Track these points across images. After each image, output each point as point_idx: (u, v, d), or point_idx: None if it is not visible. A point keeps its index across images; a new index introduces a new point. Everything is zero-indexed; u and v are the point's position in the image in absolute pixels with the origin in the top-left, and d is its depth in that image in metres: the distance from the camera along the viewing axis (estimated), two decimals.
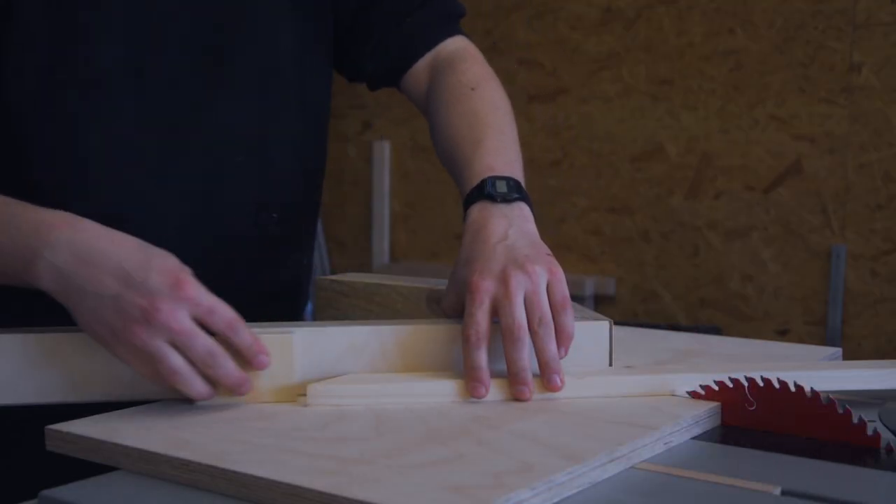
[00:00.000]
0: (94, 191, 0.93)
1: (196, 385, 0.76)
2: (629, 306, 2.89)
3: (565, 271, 0.85)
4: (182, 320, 0.73)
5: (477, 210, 0.90)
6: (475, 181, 0.92)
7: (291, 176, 1.07)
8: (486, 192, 0.90)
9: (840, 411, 0.75)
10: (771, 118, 2.66)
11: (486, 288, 0.82)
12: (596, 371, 0.85)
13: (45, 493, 0.64)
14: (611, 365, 0.87)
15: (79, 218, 0.78)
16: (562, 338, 0.82)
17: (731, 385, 0.80)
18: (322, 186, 1.14)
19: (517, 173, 0.94)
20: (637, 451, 0.70)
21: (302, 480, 0.61)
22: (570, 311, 0.82)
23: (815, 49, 2.59)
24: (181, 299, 0.73)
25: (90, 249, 0.75)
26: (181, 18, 0.97)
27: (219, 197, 1.01)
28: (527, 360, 0.80)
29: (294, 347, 0.81)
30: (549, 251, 0.86)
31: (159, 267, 0.74)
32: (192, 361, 0.75)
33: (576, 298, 0.86)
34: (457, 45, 1.11)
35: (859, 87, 2.54)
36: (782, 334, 2.68)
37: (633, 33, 2.85)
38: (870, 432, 0.74)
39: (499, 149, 0.97)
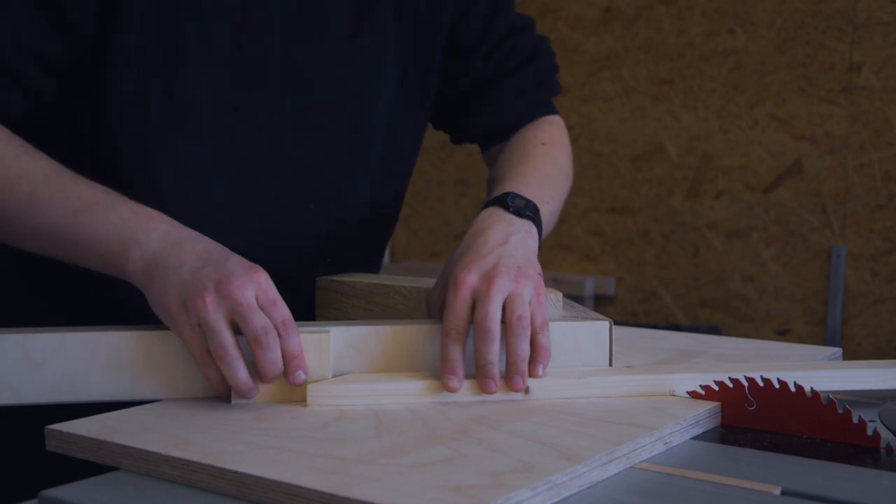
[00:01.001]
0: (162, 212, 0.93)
1: (240, 371, 0.77)
2: (629, 306, 2.88)
3: (566, 271, 0.85)
4: (249, 296, 0.76)
5: (487, 213, 0.91)
6: (499, 193, 0.94)
7: (359, 228, 1.06)
8: (503, 201, 0.92)
9: (840, 411, 0.75)
10: (771, 118, 2.66)
11: (469, 282, 0.82)
12: (596, 371, 0.85)
13: (45, 493, 0.64)
14: (611, 365, 0.87)
15: (175, 221, 0.83)
16: (540, 355, 0.82)
17: (731, 385, 0.79)
18: (389, 239, 1.15)
19: (543, 210, 0.96)
20: (637, 451, 0.70)
21: (302, 480, 0.61)
22: (548, 333, 0.83)
23: (815, 49, 2.59)
24: (252, 280, 0.77)
25: (181, 238, 0.80)
26: (281, 59, 0.96)
27: (282, 241, 1.00)
28: (495, 354, 0.80)
29: (330, 345, 0.82)
30: (541, 271, 0.87)
31: (238, 258, 0.80)
32: (247, 336, 0.76)
33: (576, 298, 0.87)
34: (547, 117, 1.16)
35: (859, 87, 2.54)
36: (782, 334, 2.68)
37: (633, 33, 2.85)
38: (870, 432, 0.74)
39: (538, 187, 0.98)
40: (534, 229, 0.92)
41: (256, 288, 0.77)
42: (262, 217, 0.99)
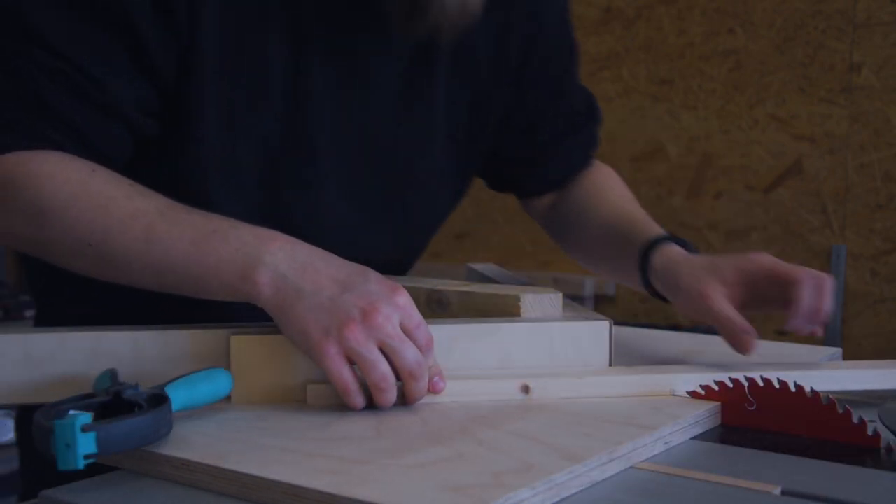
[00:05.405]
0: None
1: (391, 396, 0.76)
2: (629, 306, 2.88)
3: (565, 271, 0.85)
4: (396, 325, 0.75)
5: (688, 255, 1.02)
6: (663, 232, 1.05)
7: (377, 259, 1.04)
8: (685, 244, 1.03)
9: (840, 411, 0.75)
10: (771, 118, 2.66)
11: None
12: (596, 371, 0.85)
13: (45, 493, 0.64)
14: (611, 365, 0.87)
15: (297, 239, 0.80)
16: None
17: (731, 385, 0.80)
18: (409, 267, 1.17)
19: None
20: (637, 451, 0.70)
21: (302, 480, 0.61)
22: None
23: (815, 49, 2.59)
24: (397, 306, 0.75)
25: (310, 258, 0.78)
26: (332, 120, 0.95)
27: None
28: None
29: None
30: None
31: (376, 277, 0.78)
32: (397, 368, 0.75)
33: (576, 298, 0.86)
34: (597, 162, 1.29)
35: (859, 87, 2.54)
36: (782, 334, 2.68)
37: (633, 33, 2.85)
38: (870, 432, 0.74)
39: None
40: None
41: (401, 314, 0.75)
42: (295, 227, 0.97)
